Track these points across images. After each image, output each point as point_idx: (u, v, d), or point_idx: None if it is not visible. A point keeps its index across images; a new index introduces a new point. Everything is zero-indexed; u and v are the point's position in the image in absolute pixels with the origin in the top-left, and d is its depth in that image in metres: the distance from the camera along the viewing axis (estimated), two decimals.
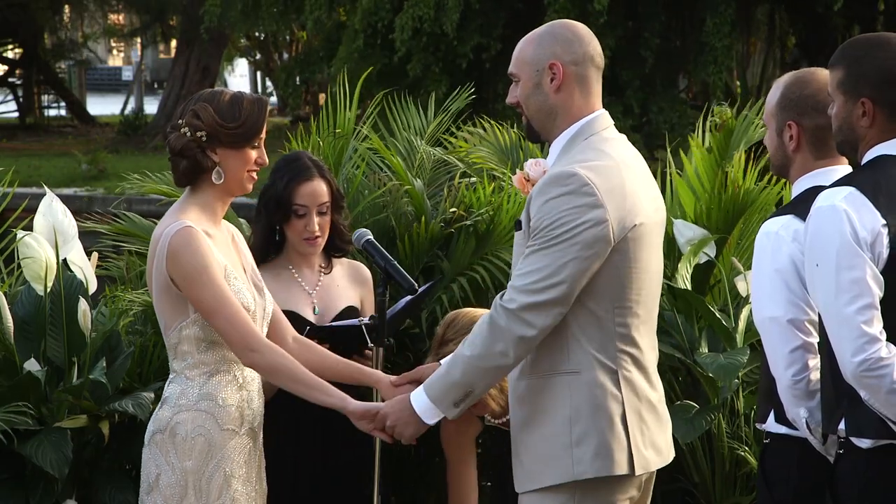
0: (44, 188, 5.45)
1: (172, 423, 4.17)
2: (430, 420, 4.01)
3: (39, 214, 5.17)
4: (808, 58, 21.19)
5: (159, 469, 4.18)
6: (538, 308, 3.86)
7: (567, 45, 4.02)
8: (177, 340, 4.19)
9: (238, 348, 4.14)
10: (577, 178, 3.88)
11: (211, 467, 4.17)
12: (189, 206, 4.21)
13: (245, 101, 4.19)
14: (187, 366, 4.19)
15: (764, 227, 4.11)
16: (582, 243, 3.85)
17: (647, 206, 4.01)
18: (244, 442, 4.25)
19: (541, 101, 4.03)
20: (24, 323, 5.15)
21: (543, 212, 3.89)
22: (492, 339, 3.89)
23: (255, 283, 4.32)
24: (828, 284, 3.70)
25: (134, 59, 46.29)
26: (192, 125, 4.16)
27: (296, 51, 34.24)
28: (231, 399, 4.21)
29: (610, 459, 3.92)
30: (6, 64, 35.75)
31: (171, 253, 4.10)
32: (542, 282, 3.85)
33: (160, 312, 4.21)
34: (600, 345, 3.94)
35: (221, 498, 4.18)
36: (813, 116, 4.08)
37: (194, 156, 4.16)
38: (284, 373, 4.17)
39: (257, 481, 4.32)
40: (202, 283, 4.09)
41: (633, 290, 3.97)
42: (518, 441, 4.05)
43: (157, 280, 4.16)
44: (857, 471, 3.75)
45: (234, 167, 4.20)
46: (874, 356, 3.63)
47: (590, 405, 3.93)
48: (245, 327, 4.13)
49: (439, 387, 3.98)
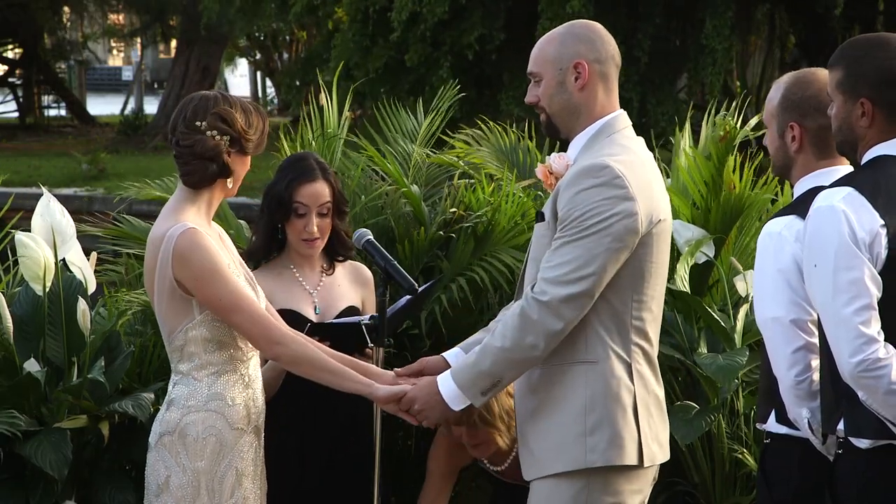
0: (41, 189, 5.45)
1: (182, 425, 4.18)
2: (456, 406, 4.05)
3: (37, 215, 5.17)
4: (808, 58, 21.18)
5: (169, 471, 4.18)
6: (570, 300, 3.90)
7: (590, 44, 4.08)
8: (183, 342, 4.19)
9: (261, 342, 4.17)
10: (609, 170, 3.92)
11: (223, 467, 4.19)
12: (186, 206, 4.21)
13: (252, 111, 4.25)
14: (194, 367, 4.20)
15: (766, 227, 4.12)
16: (613, 235, 3.89)
17: (666, 205, 4.08)
18: (251, 440, 4.27)
19: (565, 100, 4.08)
20: (22, 323, 5.15)
21: (574, 203, 3.92)
22: (523, 331, 3.93)
23: (249, 281, 4.34)
24: (826, 285, 3.70)
25: (134, 59, 46.28)
26: (219, 129, 4.16)
27: (296, 51, 34.25)
28: (239, 398, 4.23)
29: (622, 449, 3.97)
30: (6, 64, 35.74)
31: (177, 256, 4.10)
32: (574, 273, 3.89)
33: (163, 315, 4.20)
34: (617, 336, 3.99)
35: (234, 497, 4.21)
36: (815, 117, 4.08)
37: (223, 161, 4.18)
38: (309, 361, 4.20)
39: (261, 479, 4.35)
40: (216, 282, 4.10)
41: (651, 284, 4.03)
42: (527, 429, 4.09)
43: (160, 283, 4.15)
44: (857, 471, 3.76)
45: (240, 172, 4.25)
46: (872, 357, 3.63)
47: (605, 395, 3.97)
48: (266, 321, 4.16)
49: (468, 375, 4.02)
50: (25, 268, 5.06)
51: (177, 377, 4.24)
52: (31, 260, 5.05)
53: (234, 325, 4.15)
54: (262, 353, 4.24)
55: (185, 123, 4.18)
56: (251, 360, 4.28)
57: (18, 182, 21.53)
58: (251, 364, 4.28)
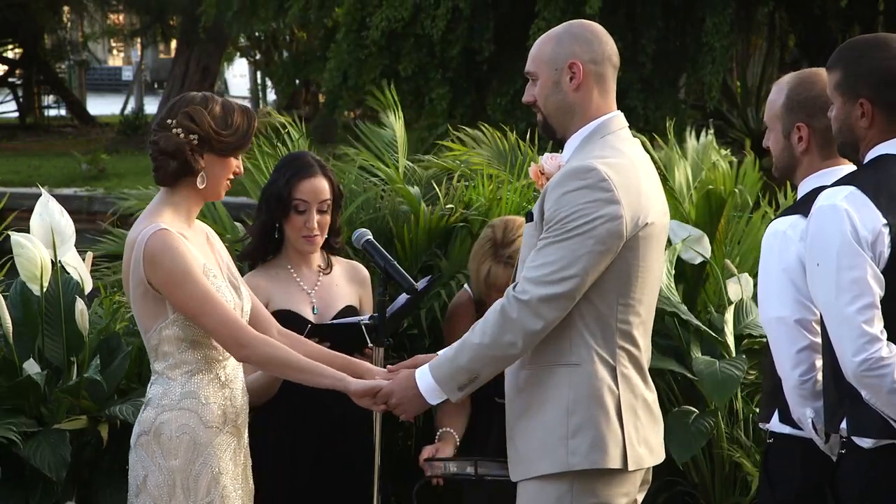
0: (40, 189, 5.44)
1: (157, 424, 4.18)
2: (433, 400, 4.06)
3: (36, 215, 5.16)
4: (808, 58, 21.14)
5: (146, 470, 4.19)
6: (551, 300, 3.89)
7: (587, 44, 4.07)
8: (157, 341, 4.20)
9: (228, 345, 4.17)
10: (595, 172, 3.92)
11: (198, 465, 4.18)
12: (163, 207, 4.21)
13: (236, 111, 4.21)
14: (168, 366, 4.20)
15: (771, 226, 4.12)
16: (597, 238, 3.89)
17: (657, 208, 4.06)
18: (228, 440, 4.25)
19: (559, 99, 4.07)
20: (15, 323, 5.12)
21: (560, 204, 3.92)
22: (502, 329, 3.92)
23: (232, 282, 4.33)
24: (828, 284, 3.70)
25: (134, 59, 46.25)
26: (185, 127, 4.17)
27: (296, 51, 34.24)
28: (213, 397, 4.22)
29: (604, 452, 3.96)
30: (6, 64, 35.72)
31: (148, 257, 4.10)
32: (556, 274, 3.89)
33: (138, 315, 4.22)
34: (601, 339, 3.98)
35: (210, 495, 4.19)
36: (821, 118, 4.07)
37: (185, 158, 4.17)
38: (278, 362, 4.19)
39: (243, 479, 4.33)
40: (185, 284, 4.10)
41: (637, 288, 4.01)
42: (514, 429, 4.09)
43: (133, 284, 4.17)
44: (859, 470, 3.76)
45: (217, 174, 4.22)
46: (875, 356, 3.63)
47: (587, 397, 3.97)
48: (233, 324, 4.15)
49: (446, 370, 4.02)
50: (22, 268, 5.06)
51: (153, 377, 4.25)
52: (28, 260, 5.05)
53: (203, 328, 4.15)
54: (232, 355, 4.23)
55: (159, 121, 4.23)
56: (228, 360, 4.27)
57: (18, 182, 21.54)
58: (229, 364, 4.28)
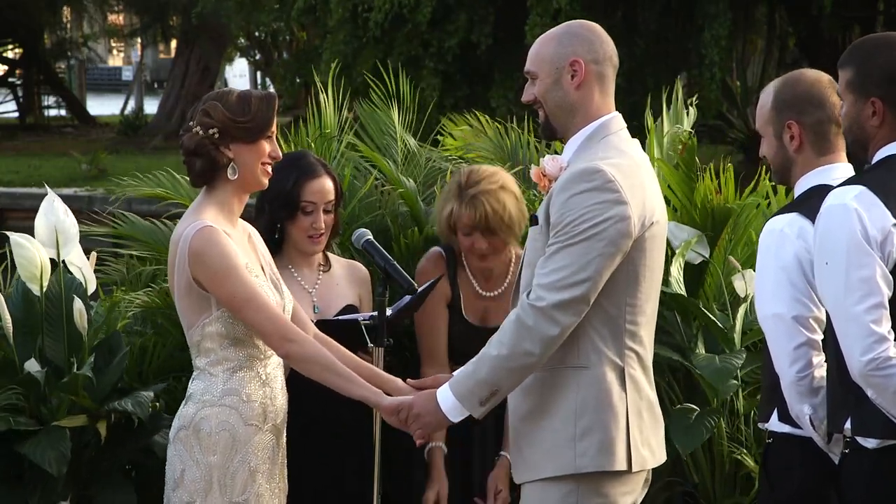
0: (45, 188, 5.44)
1: (197, 419, 4.22)
2: (455, 418, 4.02)
3: (41, 214, 5.16)
4: (808, 58, 21.16)
5: (184, 465, 4.22)
6: (566, 305, 3.87)
7: (588, 43, 4.05)
8: (200, 337, 4.23)
9: (274, 339, 4.19)
10: (602, 174, 3.90)
11: (236, 462, 4.22)
12: (206, 205, 4.25)
13: (253, 96, 4.25)
14: (210, 362, 4.24)
15: (768, 224, 4.12)
16: (607, 239, 3.87)
17: (660, 207, 4.06)
18: (267, 438, 4.29)
19: (560, 98, 4.05)
20: (16, 323, 5.11)
21: (567, 207, 3.90)
22: (519, 338, 3.90)
23: (274, 282, 4.37)
24: (837, 283, 3.70)
25: (134, 59, 46.31)
26: (203, 123, 4.21)
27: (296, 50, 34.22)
28: (255, 395, 4.26)
29: (612, 455, 3.95)
30: (6, 64, 35.72)
31: (193, 254, 4.15)
32: (569, 279, 3.87)
33: (183, 311, 4.26)
34: (610, 341, 3.97)
35: (245, 493, 4.23)
36: (811, 112, 4.09)
37: (208, 153, 4.21)
38: (320, 363, 4.20)
39: (280, 478, 4.36)
40: (230, 279, 4.14)
41: (644, 288, 4.00)
42: (520, 432, 4.07)
43: (178, 281, 4.21)
44: (863, 470, 3.76)
45: (249, 161, 4.24)
46: (882, 355, 3.63)
47: (596, 400, 3.95)
48: (279, 318, 4.19)
49: (466, 385, 3.98)
50: (21, 268, 5.06)
51: (195, 372, 4.29)
52: (27, 260, 5.05)
53: (248, 322, 4.18)
54: (275, 350, 4.25)
55: (185, 125, 4.28)
56: (270, 358, 4.30)
57: (18, 182, 21.55)
58: (270, 363, 4.31)
